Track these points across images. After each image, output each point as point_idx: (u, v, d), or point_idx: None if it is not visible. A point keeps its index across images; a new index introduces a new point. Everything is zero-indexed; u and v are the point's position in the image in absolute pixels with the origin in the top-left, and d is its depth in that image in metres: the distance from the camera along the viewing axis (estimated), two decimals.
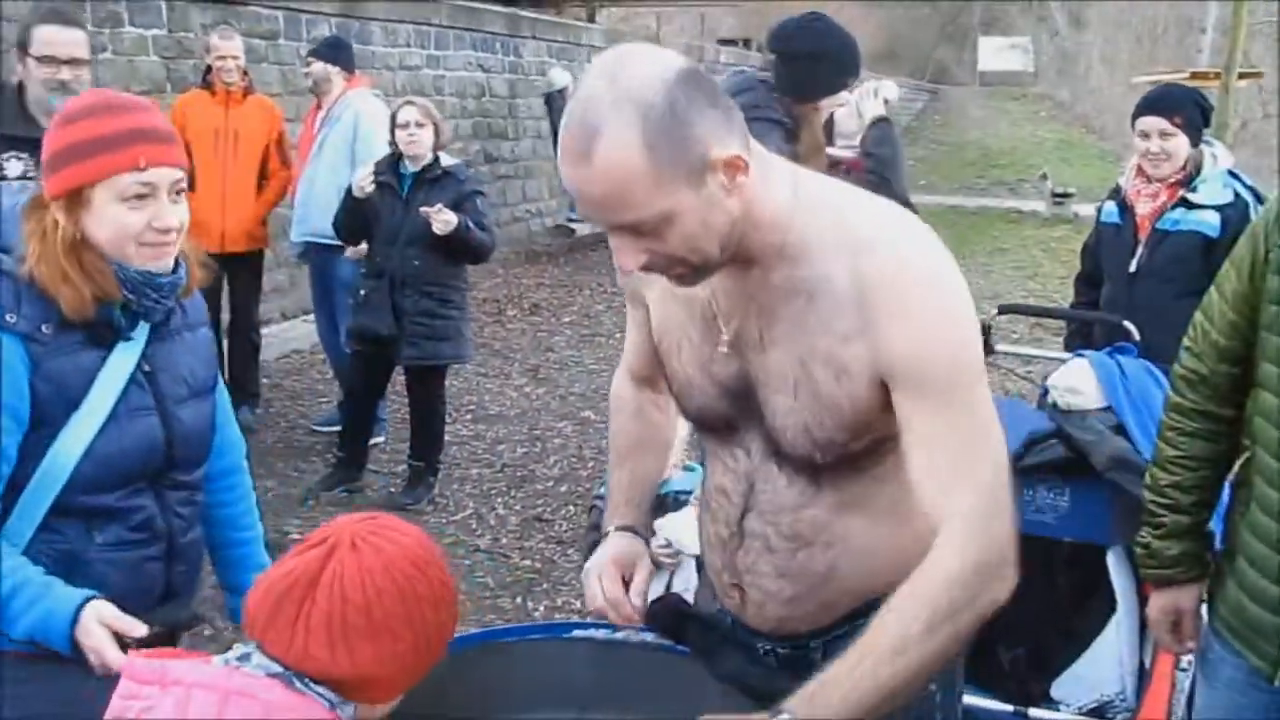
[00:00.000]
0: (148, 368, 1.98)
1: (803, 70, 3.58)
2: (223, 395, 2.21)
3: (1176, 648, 2.31)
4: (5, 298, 1.84)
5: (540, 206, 12.93)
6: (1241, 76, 15.43)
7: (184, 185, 1.93)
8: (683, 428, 2.24)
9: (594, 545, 3.30)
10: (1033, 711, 2.78)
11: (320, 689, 1.38)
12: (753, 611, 1.76)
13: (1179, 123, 3.90)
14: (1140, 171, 4.05)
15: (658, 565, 3.20)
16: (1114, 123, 23.11)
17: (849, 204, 1.59)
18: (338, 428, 5.79)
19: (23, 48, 3.62)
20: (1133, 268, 4.01)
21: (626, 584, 1.86)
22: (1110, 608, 3.09)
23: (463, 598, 4.51)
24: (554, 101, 12.35)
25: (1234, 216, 3.82)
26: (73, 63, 3.60)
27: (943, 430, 1.50)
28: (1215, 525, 2.22)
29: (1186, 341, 2.14)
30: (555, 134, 10.67)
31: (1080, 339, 4.25)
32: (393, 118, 5.17)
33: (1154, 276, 3.96)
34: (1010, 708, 2.77)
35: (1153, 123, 3.93)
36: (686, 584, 2.97)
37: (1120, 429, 3.18)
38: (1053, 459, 3.14)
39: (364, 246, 5.33)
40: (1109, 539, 3.09)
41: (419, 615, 1.40)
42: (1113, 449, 3.05)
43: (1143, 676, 2.93)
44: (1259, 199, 3.87)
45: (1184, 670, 2.80)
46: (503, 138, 12.10)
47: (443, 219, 4.91)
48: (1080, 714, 2.89)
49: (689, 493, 3.02)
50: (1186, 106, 3.96)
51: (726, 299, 1.62)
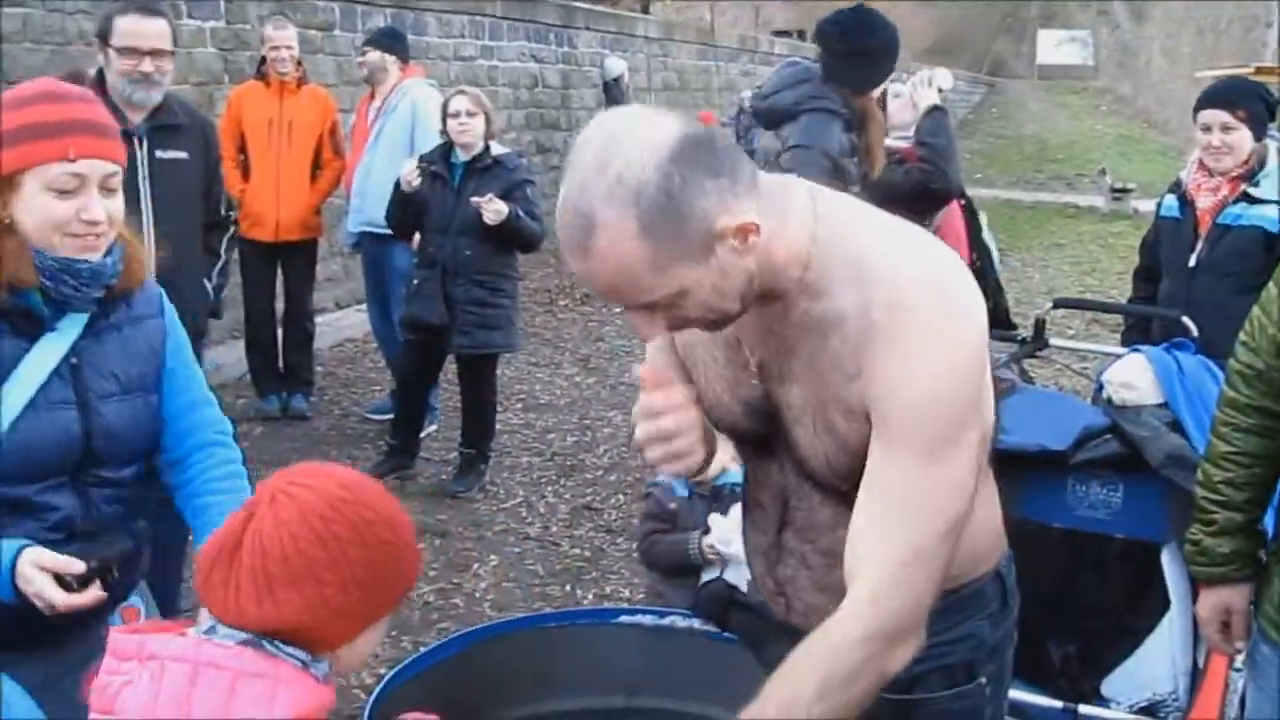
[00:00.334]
0: (75, 361, 1.95)
1: (858, 63, 3.71)
2: (187, 383, 2.14)
3: (1226, 648, 2.29)
4: None
5: None
6: None
7: (117, 180, 1.90)
8: None
9: (647, 535, 3.32)
10: (1083, 708, 2.76)
11: (290, 650, 1.38)
12: (798, 620, 1.75)
13: (1242, 116, 3.84)
14: (1201, 165, 4.00)
15: (708, 562, 3.21)
16: (1176, 117, 22.76)
17: (870, 234, 1.53)
18: (390, 416, 5.85)
19: (103, 38, 3.51)
20: (1192, 262, 3.97)
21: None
22: (1164, 606, 3.06)
23: (512, 585, 4.56)
24: (610, 91, 12.41)
25: None
26: (155, 54, 3.49)
27: (890, 478, 1.47)
28: (1269, 522, 2.19)
29: (1243, 336, 2.12)
30: None
31: (1138, 334, 4.20)
32: (444, 107, 5.20)
33: (1213, 271, 3.91)
34: (1060, 704, 2.74)
35: (1214, 116, 3.88)
36: (739, 577, 2.98)
37: (1176, 425, 3.14)
38: (1106, 454, 3.10)
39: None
40: (1163, 536, 3.05)
41: (341, 556, 1.39)
42: (1168, 445, 3.01)
43: (1196, 676, 2.89)
44: None
45: (1238, 671, 2.76)
46: (555, 128, 12.14)
47: (493, 208, 4.93)
48: (1131, 712, 2.85)
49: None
50: (1250, 100, 3.90)
51: (748, 331, 1.58)
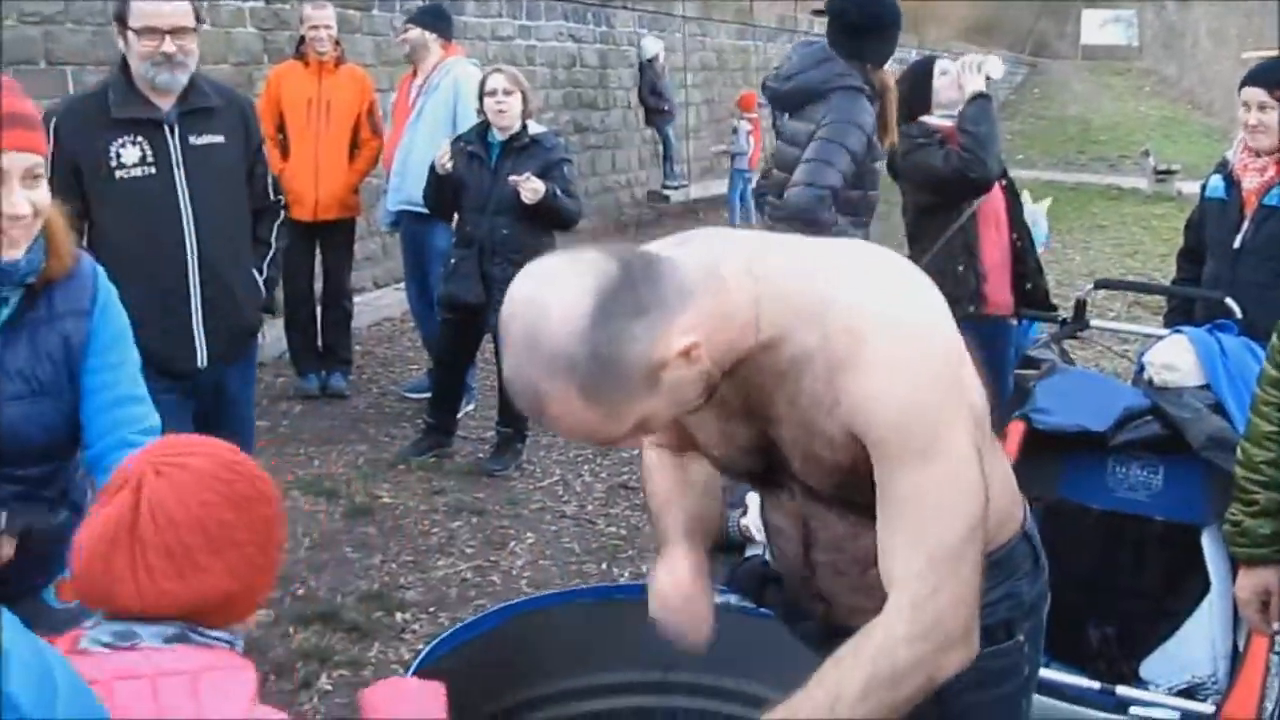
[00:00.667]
0: None
1: (876, 37, 3.89)
2: (113, 380, 2.05)
3: (1264, 628, 2.27)
4: None
5: (629, 177, 12.94)
6: None
7: (40, 171, 1.83)
8: None
9: None
10: (1121, 689, 2.74)
11: (216, 634, 1.36)
12: (840, 621, 1.74)
13: (1279, 96, 3.78)
14: (1248, 146, 3.94)
15: (749, 540, 3.20)
16: (1221, 99, 22.41)
17: (811, 273, 1.53)
18: (427, 394, 5.88)
19: (121, 20, 3.29)
20: (1237, 244, 3.91)
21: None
22: (1204, 588, 3.03)
23: (548, 563, 4.57)
24: (645, 72, 12.41)
25: None
26: (177, 33, 3.27)
27: (898, 494, 1.48)
28: None
29: None
30: (644, 103, 10.61)
31: (1181, 316, 4.14)
32: (481, 85, 5.19)
33: (1258, 253, 3.85)
34: (1099, 685, 2.73)
35: (1253, 94, 3.82)
36: None
37: (1218, 407, 3.11)
38: (1147, 436, 3.09)
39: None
40: (1204, 518, 3.03)
41: (250, 515, 1.39)
42: (1210, 427, 2.98)
43: (1236, 659, 2.87)
44: None
45: (1279, 654, 2.74)
46: (593, 108, 12.12)
47: (531, 187, 4.93)
48: (1170, 695, 2.83)
49: None
50: None
51: (729, 389, 1.57)
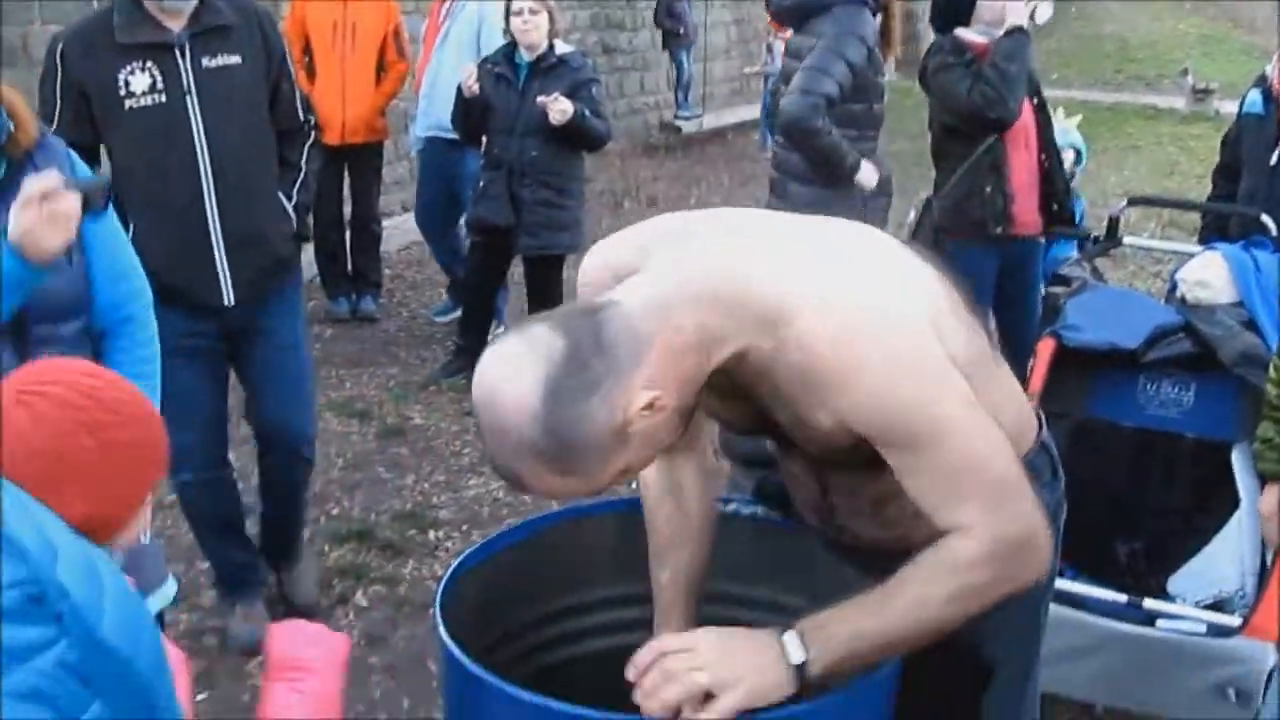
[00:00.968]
0: None
1: None
2: (113, 252, 2.24)
3: None
4: None
5: (658, 99, 12.79)
6: None
7: None
8: None
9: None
10: (1148, 602, 2.75)
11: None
12: (867, 547, 1.77)
13: None
14: None
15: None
16: (1263, 15, 21.86)
17: (758, 278, 1.51)
18: (454, 315, 5.89)
19: None
20: (1273, 160, 3.85)
21: None
22: (1233, 506, 3.03)
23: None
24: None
25: None
26: None
27: (927, 469, 1.49)
28: None
29: None
30: (659, 25, 10.52)
31: (1215, 234, 4.09)
32: (507, 6, 5.15)
33: None
34: (1125, 598, 2.74)
35: None
36: None
37: (1252, 324, 3.08)
38: (1179, 353, 3.06)
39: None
40: (1235, 436, 3.01)
41: (109, 440, 1.38)
42: (1243, 344, 2.96)
43: (1264, 576, 2.87)
44: None
45: None
46: (620, 29, 11.96)
47: (559, 108, 4.89)
48: (1197, 608, 2.84)
49: None
50: None
51: (714, 383, 1.57)
